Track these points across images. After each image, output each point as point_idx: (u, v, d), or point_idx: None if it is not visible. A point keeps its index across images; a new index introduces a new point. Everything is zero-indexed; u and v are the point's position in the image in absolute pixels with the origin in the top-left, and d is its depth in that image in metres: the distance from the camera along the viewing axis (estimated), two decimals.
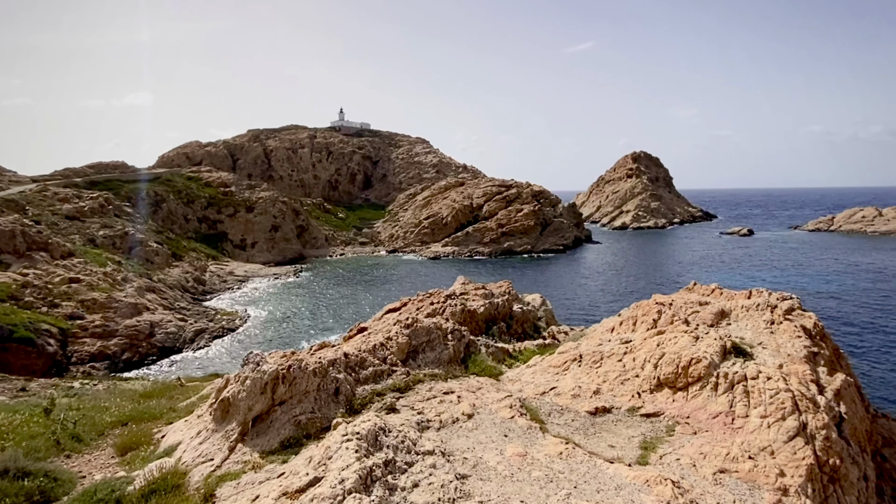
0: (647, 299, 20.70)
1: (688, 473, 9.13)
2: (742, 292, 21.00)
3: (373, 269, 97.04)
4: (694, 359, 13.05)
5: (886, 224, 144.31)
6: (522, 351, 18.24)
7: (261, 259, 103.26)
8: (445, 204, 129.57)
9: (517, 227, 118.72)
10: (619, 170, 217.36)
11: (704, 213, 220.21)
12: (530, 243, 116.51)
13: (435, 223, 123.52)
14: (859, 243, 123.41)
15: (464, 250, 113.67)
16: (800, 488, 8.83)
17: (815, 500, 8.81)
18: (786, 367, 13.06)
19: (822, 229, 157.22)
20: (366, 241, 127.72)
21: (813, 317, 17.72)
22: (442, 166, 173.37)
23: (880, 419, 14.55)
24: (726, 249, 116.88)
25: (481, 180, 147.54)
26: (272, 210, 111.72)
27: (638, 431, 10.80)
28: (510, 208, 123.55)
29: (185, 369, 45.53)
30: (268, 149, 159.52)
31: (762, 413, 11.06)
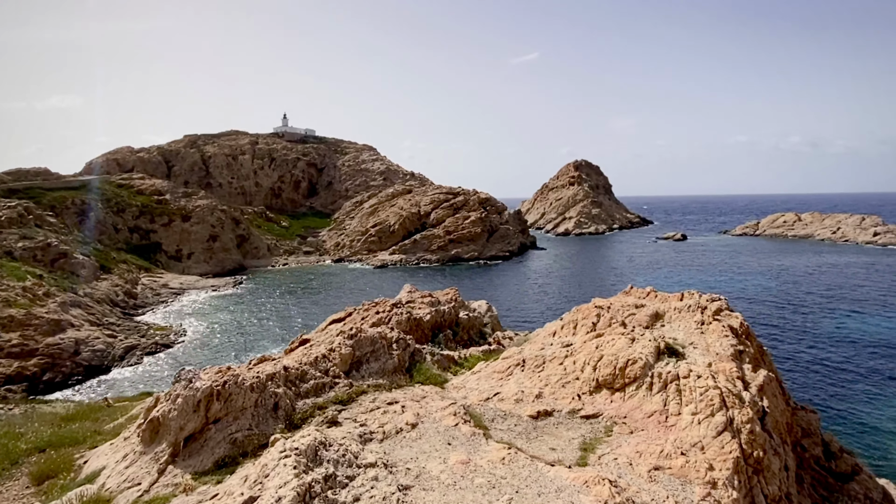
0: (588, 303, 21.35)
1: (625, 472, 9.40)
2: (675, 294, 22.02)
3: (318, 279, 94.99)
4: (630, 360, 13.53)
5: (805, 228, 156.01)
6: (468, 358, 18.30)
7: (198, 270, 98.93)
8: (393, 212, 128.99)
9: (464, 234, 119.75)
10: (562, 178, 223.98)
11: (641, 219, 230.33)
12: (477, 250, 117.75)
13: (382, 231, 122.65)
14: (781, 246, 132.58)
15: (411, 258, 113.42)
16: (727, 481, 9.27)
17: (741, 491, 9.28)
18: (714, 366, 13.75)
19: (749, 234, 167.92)
20: (310, 251, 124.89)
21: (739, 317, 18.80)
22: (389, 174, 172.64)
23: (799, 411, 15.55)
24: (661, 253, 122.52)
25: (429, 188, 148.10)
26: (210, 219, 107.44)
27: (578, 433, 11.04)
28: (458, 216, 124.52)
29: (114, 389, 42.83)
30: (206, 155, 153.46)
31: (693, 410, 11.58)
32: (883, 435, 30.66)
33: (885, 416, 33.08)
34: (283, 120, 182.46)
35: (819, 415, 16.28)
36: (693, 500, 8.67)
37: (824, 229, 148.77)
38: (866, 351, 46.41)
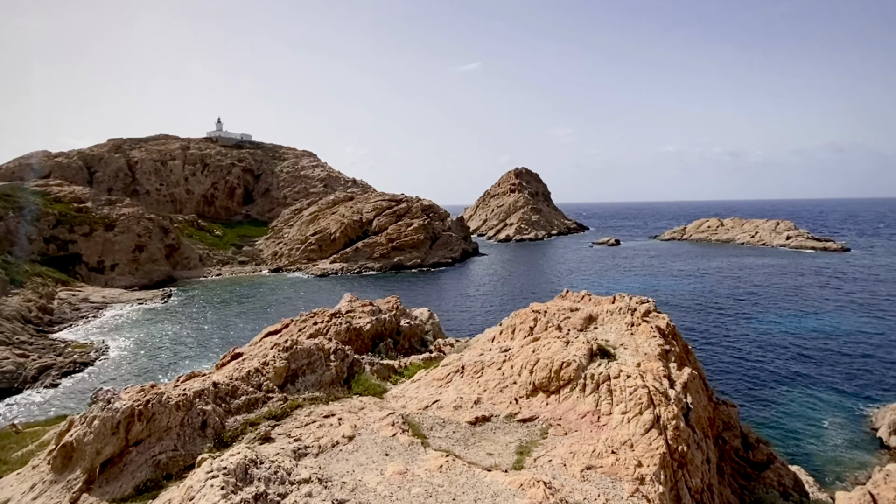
0: (527, 308, 21.81)
1: (559, 473, 9.62)
2: (608, 298, 22.90)
3: (253, 290, 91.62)
4: (565, 362, 13.91)
5: (727, 233, 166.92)
6: (408, 366, 18.20)
7: (122, 283, 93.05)
8: (334, 219, 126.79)
9: (407, 241, 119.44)
10: (503, 185, 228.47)
11: (578, 225, 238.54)
12: (420, 257, 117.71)
13: (322, 239, 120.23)
14: (705, 250, 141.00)
15: (353, 266, 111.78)
16: (654, 476, 9.69)
17: (667, 485, 9.72)
18: (643, 365, 14.38)
19: (677, 238, 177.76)
20: (246, 260, 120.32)
21: (666, 318, 19.78)
22: (330, 180, 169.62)
23: (721, 406, 16.54)
24: (597, 258, 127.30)
25: (371, 195, 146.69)
26: (136, 228, 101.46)
27: (515, 437, 11.21)
28: (400, 223, 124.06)
29: (24, 414, 39.38)
30: (132, 160, 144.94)
31: (623, 409, 12.04)
32: (794, 425, 33.14)
33: (796, 408, 35.78)
34: (218, 124, 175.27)
35: (738, 408, 17.40)
36: (622, 497, 8.99)
37: (744, 234, 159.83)
38: (780, 346, 50.08)
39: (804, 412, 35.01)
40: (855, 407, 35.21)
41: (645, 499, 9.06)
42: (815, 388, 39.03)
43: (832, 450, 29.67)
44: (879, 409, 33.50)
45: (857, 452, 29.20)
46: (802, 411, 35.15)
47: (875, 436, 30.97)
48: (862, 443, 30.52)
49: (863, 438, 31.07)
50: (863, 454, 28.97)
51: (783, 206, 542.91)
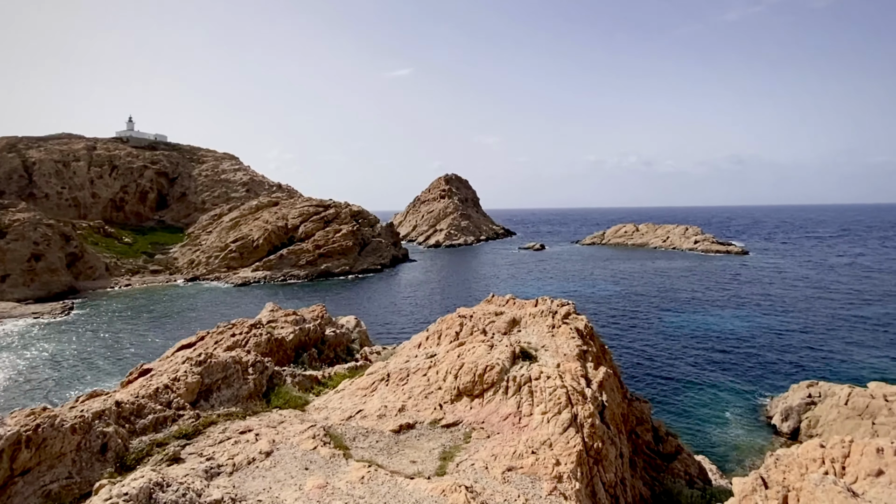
0: (454, 313, 22.00)
1: (481, 476, 9.75)
2: (531, 301, 23.58)
3: (166, 301, 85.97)
4: (488, 366, 14.16)
5: (642, 237, 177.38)
6: (332, 376, 17.79)
7: (16, 295, 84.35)
8: (257, 225, 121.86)
9: (335, 247, 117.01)
10: (433, 191, 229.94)
11: (506, 231, 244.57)
12: (349, 264, 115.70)
13: (244, 246, 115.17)
14: (622, 253, 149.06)
15: (277, 274, 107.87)
16: (571, 473, 10.05)
17: (583, 481, 10.12)
18: (562, 366, 14.91)
19: (597, 243, 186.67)
20: (159, 269, 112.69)
21: (584, 319, 20.65)
22: (253, 185, 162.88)
23: (635, 402, 17.46)
24: (523, 262, 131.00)
25: (297, 200, 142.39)
26: (33, 235, 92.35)
27: (439, 443, 11.24)
28: (328, 229, 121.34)
29: None
30: (29, 161, 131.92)
31: (543, 410, 12.41)
32: (701, 417, 35.73)
33: (702, 401, 38.59)
34: (129, 123, 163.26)
35: (650, 403, 18.47)
36: (541, 496, 9.25)
37: (657, 238, 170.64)
38: (688, 344, 53.84)
39: (709, 404, 37.76)
40: (753, 398, 38.47)
41: (562, 496, 9.37)
42: (719, 381, 42.24)
43: (733, 438, 32.22)
44: (773, 399, 36.79)
45: (755, 439, 31.90)
46: (708, 404, 37.91)
47: (770, 423, 33.97)
48: (759, 430, 33.37)
49: (759, 426, 33.99)
50: (759, 441, 31.68)
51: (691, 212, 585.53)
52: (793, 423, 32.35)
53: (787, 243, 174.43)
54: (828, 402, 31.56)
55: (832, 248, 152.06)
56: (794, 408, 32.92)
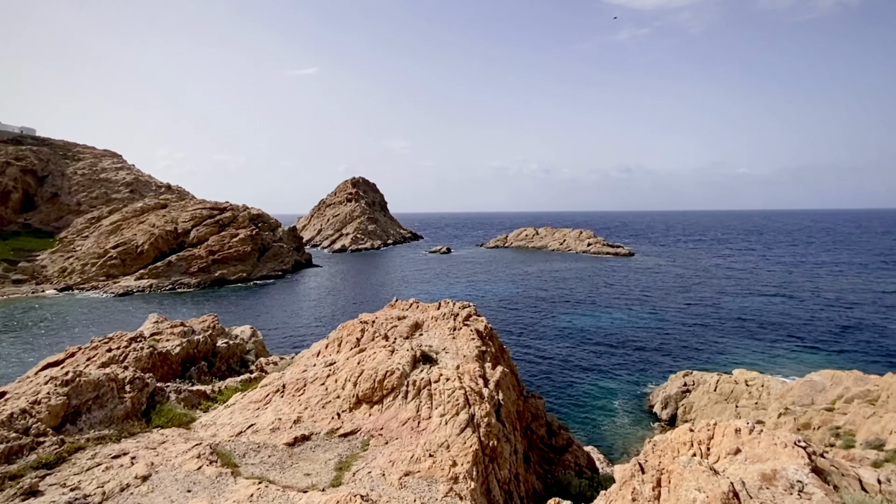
0: (356, 319, 21.64)
1: (378, 484, 9.65)
2: (434, 304, 23.83)
3: (31, 315, 75.97)
4: (389, 371, 14.07)
5: (541, 240, 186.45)
6: (223, 390, 16.76)
7: None
8: (142, 229, 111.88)
9: (232, 253, 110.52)
10: (339, 194, 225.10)
11: (414, 234, 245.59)
12: (246, 270, 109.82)
13: (127, 252, 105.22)
14: (523, 256, 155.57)
15: (165, 283, 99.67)
16: (467, 473, 10.25)
17: (478, 480, 10.36)
18: (462, 367, 15.20)
19: (500, 246, 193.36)
20: (23, 279, 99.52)
21: (484, 320, 21.22)
22: (139, 185, 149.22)
23: (531, 399, 18.22)
24: (430, 266, 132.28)
25: (189, 202, 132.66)
26: None
27: (335, 453, 10.97)
28: (224, 233, 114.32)
29: None
30: None
31: (442, 412, 12.56)
32: (592, 409, 38.19)
33: (593, 394, 41.26)
34: None
35: (545, 400, 19.39)
36: (437, 498, 9.34)
37: (554, 241, 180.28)
38: (581, 340, 57.38)
39: (599, 397, 40.44)
40: (637, 389, 41.78)
41: (458, 496, 9.52)
42: (608, 375, 45.39)
43: (620, 428, 34.76)
44: (654, 389, 40.21)
45: (639, 428, 34.66)
46: (598, 396, 40.57)
47: (652, 411, 37.08)
48: (642, 419, 36.30)
49: (643, 415, 36.97)
50: (643, 429, 34.47)
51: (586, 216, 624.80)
52: (671, 410, 35.57)
53: (665, 245, 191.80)
54: (700, 390, 35.06)
55: (705, 251, 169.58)
56: (672, 396, 36.21)
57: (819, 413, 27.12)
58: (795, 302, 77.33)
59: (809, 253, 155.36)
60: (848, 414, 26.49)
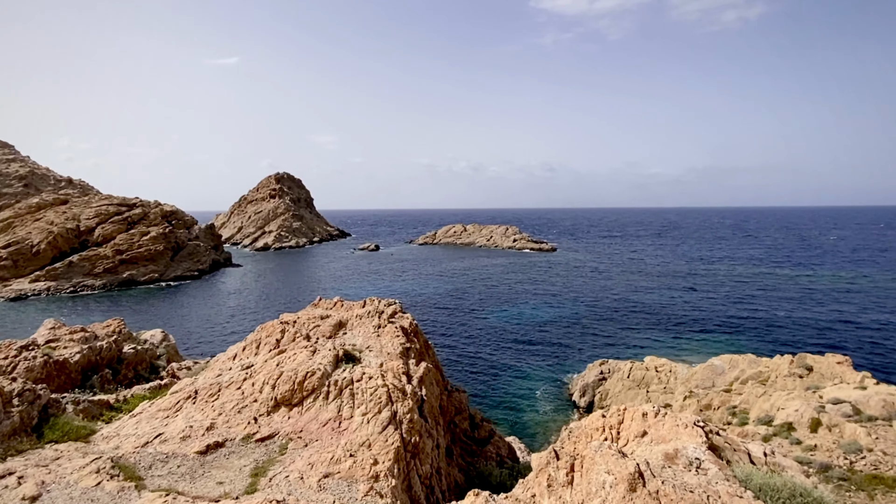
0: (276, 319, 20.96)
1: (295, 488, 9.42)
2: (359, 302, 23.57)
3: None
4: (309, 372, 13.77)
5: (469, 237, 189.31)
6: (129, 399, 15.69)
7: None
8: (38, 227, 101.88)
9: (142, 252, 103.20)
10: (262, 190, 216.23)
11: (341, 232, 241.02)
12: (159, 271, 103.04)
13: (19, 252, 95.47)
14: (452, 252, 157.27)
15: (65, 285, 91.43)
16: (388, 471, 10.25)
17: (399, 477, 10.39)
18: (385, 365, 15.15)
19: (429, 242, 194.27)
20: None
21: (409, 317, 21.26)
22: (34, 179, 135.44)
23: (454, 393, 18.48)
24: (357, 263, 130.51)
25: (94, 198, 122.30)
26: None
27: (251, 459, 10.60)
28: (133, 231, 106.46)
29: None
30: None
31: (364, 411, 12.47)
32: (515, 400, 39.42)
33: (517, 385, 42.61)
34: None
35: (469, 393, 19.79)
36: (357, 498, 9.27)
37: (482, 237, 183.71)
38: (505, 333, 58.97)
39: (522, 388, 41.81)
40: (558, 379, 43.59)
41: (378, 495, 9.51)
42: (530, 366, 47.01)
43: (542, 417, 36.15)
44: (574, 378, 42.13)
45: (559, 416, 36.20)
46: (521, 387, 41.93)
47: (571, 400, 38.84)
48: (563, 407, 37.94)
49: (564, 404, 38.65)
50: (563, 417, 36.03)
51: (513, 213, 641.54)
52: (589, 397, 37.43)
53: (585, 241, 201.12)
54: (615, 377, 37.14)
55: (621, 246, 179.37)
56: (589, 384, 38.10)
57: (719, 394, 29.59)
58: (700, 293, 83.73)
59: (714, 248, 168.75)
60: (743, 394, 29.09)
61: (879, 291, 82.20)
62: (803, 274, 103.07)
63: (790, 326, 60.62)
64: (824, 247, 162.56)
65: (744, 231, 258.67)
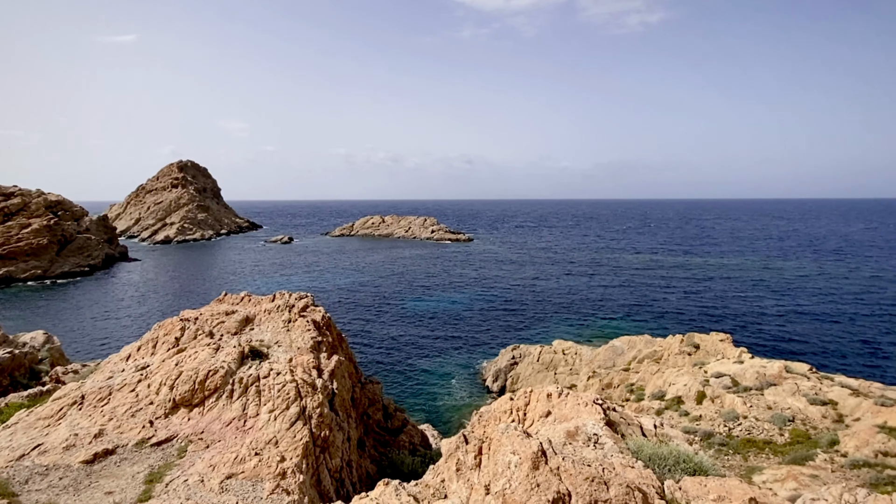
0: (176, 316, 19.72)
1: (195, 491, 9.01)
2: (268, 297, 22.74)
3: None
4: (211, 370, 13.14)
5: (387, 228, 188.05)
6: (3, 408, 14.16)
7: None
8: None
9: (21, 246, 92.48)
10: (163, 179, 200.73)
11: (251, 224, 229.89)
12: (42, 267, 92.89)
13: None
14: (369, 244, 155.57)
15: None
16: (296, 467, 10.07)
17: (308, 472, 10.25)
18: (294, 360, 14.79)
19: (346, 234, 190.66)
20: None
21: (321, 310, 20.86)
22: None
23: (368, 385, 18.44)
24: (269, 257, 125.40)
25: None
26: None
27: (145, 465, 9.97)
28: (11, 223, 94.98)
29: None
30: None
31: (271, 408, 12.13)
32: (431, 388, 40.03)
33: (433, 373, 43.25)
34: None
35: (384, 384, 19.81)
36: (262, 497, 9.04)
37: (400, 228, 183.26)
38: (422, 323, 59.54)
39: (438, 376, 42.50)
40: (472, 366, 44.75)
41: (285, 492, 9.33)
42: (446, 355, 47.88)
43: (457, 403, 37.00)
44: (487, 364, 43.43)
45: (474, 401, 37.21)
46: (438, 375, 42.61)
47: (485, 385, 40.05)
48: (477, 393, 39.05)
49: (478, 389, 39.78)
50: (477, 402, 37.08)
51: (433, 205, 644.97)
52: (501, 382, 38.80)
53: (501, 232, 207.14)
54: (526, 361, 38.75)
55: (534, 236, 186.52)
56: (502, 369, 39.48)
57: (619, 373, 31.81)
58: (604, 279, 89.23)
59: (617, 238, 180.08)
60: (640, 372, 31.48)
61: (754, 275, 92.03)
62: (693, 261, 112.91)
63: (682, 308, 66.34)
64: (713, 236, 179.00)
65: (642, 222, 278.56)
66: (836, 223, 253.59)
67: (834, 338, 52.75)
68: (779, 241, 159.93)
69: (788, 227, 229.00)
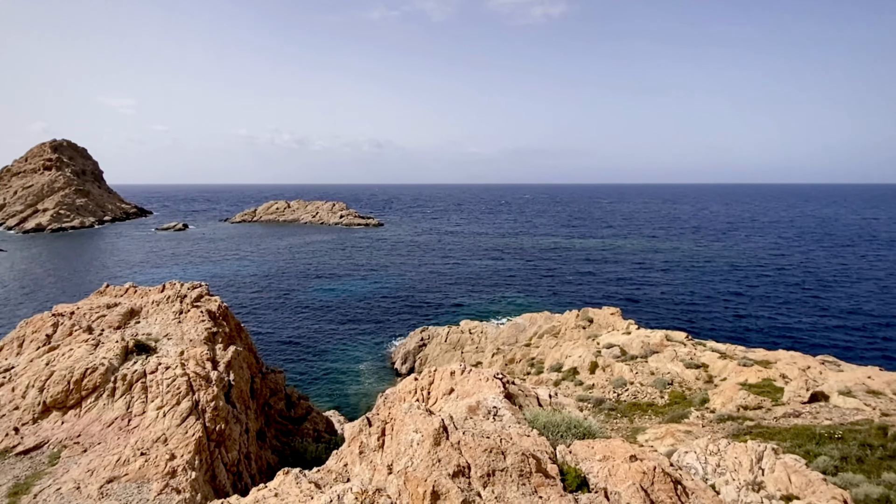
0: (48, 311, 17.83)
1: (69, 500, 8.31)
2: (156, 287, 21.17)
3: None
4: (90, 368, 12.08)
5: (293, 213, 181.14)
6: None
7: None
8: None
9: None
10: (33, 160, 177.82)
11: (139, 210, 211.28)
12: None
13: None
14: (274, 230, 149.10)
15: None
16: (187, 464, 9.59)
17: (201, 468, 9.80)
18: (186, 353, 13.97)
19: (248, 220, 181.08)
20: None
21: (217, 300, 19.81)
22: None
23: (270, 374, 17.87)
24: (160, 245, 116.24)
25: None
26: None
27: (10, 476, 9.02)
28: None
29: None
30: None
31: (160, 404, 11.40)
32: (339, 375, 39.55)
33: (342, 359, 42.73)
34: None
35: (285, 373, 19.26)
36: (149, 499, 8.54)
37: (307, 214, 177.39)
38: (331, 309, 58.41)
39: (347, 361, 42.11)
40: (382, 349, 44.79)
41: (175, 491, 8.88)
42: (355, 339, 47.49)
43: (366, 387, 36.96)
44: (396, 347, 43.69)
45: (382, 385, 37.36)
46: (346, 361, 42.19)
47: (394, 368, 40.31)
48: (386, 376, 39.22)
49: (387, 372, 39.96)
50: (385, 385, 37.28)
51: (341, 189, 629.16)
52: (410, 363, 39.26)
53: (410, 216, 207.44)
54: (434, 342, 39.46)
55: (444, 220, 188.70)
56: (410, 351, 39.93)
57: (521, 349, 33.37)
58: (507, 260, 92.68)
59: (519, 220, 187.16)
60: (540, 347, 33.26)
61: (638, 254, 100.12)
62: (589, 240, 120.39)
63: (578, 284, 70.72)
64: (605, 218, 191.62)
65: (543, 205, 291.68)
66: (715, 205, 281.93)
67: (707, 306, 58.95)
68: (667, 223, 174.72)
69: (673, 209, 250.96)
